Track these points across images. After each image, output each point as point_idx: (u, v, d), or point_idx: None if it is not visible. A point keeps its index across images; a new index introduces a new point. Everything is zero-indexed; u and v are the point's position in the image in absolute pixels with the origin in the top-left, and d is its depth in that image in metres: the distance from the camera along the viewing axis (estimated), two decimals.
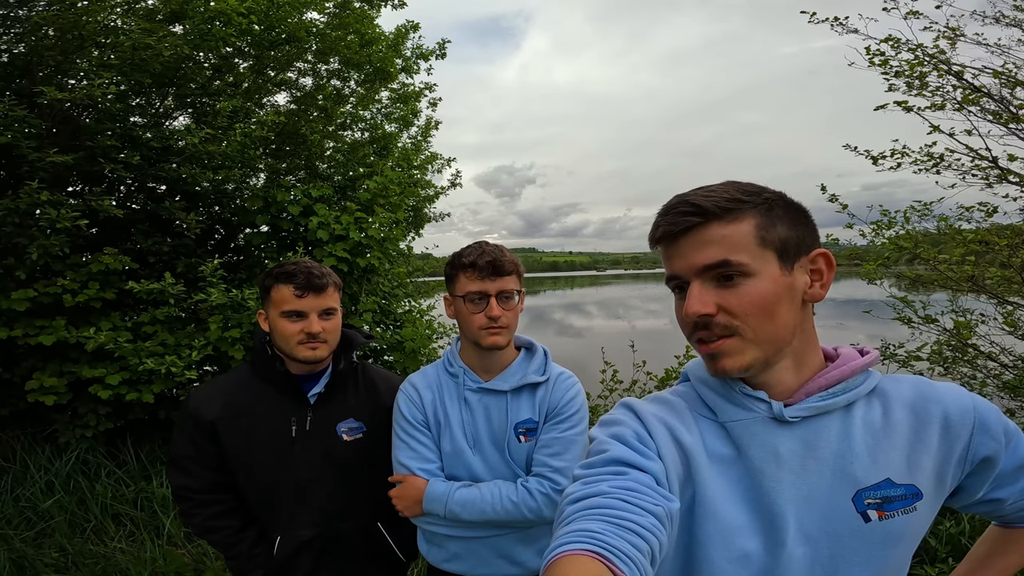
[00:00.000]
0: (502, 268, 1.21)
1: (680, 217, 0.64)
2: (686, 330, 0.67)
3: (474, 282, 1.21)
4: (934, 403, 0.66)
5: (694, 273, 0.64)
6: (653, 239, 0.69)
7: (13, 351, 3.25)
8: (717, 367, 0.64)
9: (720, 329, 0.63)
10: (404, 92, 5.38)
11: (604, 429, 0.70)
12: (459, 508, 1.18)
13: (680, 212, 0.64)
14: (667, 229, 0.65)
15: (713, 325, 0.63)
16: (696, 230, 0.63)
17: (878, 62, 3.21)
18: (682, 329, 0.68)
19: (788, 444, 0.65)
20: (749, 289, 0.62)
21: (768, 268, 0.63)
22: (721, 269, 0.62)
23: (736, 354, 0.63)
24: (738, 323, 0.62)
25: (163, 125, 3.90)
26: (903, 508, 0.63)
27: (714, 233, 0.63)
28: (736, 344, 0.63)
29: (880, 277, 3.64)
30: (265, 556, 1.35)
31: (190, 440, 1.33)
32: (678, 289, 0.67)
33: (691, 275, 0.64)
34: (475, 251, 1.24)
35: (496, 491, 1.19)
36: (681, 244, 0.65)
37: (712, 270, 0.63)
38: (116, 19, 3.51)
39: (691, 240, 0.64)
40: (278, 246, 4.06)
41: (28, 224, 2.99)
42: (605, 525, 0.54)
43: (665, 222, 0.65)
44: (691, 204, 0.64)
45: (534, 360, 1.32)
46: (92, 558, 2.73)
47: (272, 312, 1.31)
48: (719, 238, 0.63)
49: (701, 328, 0.64)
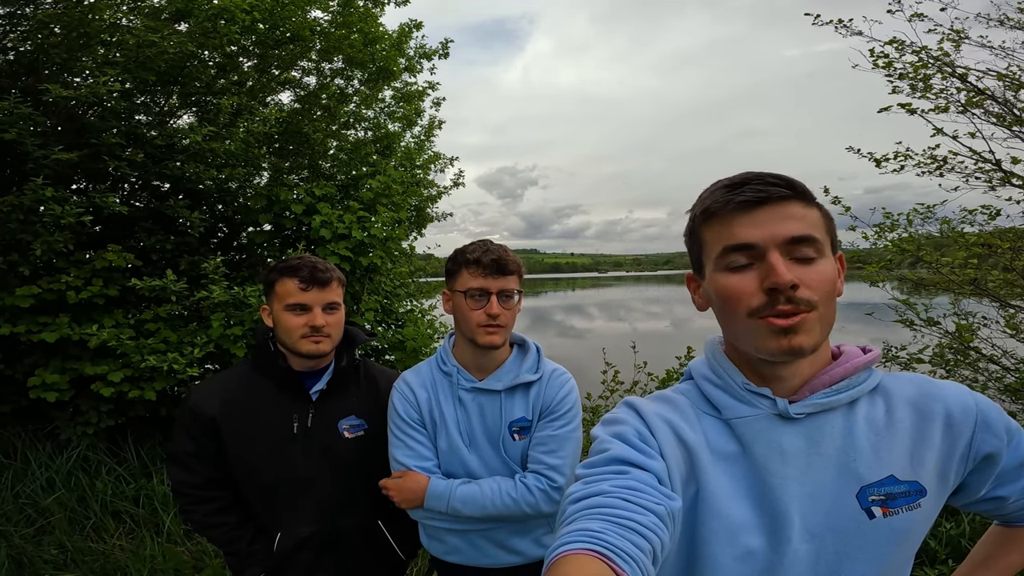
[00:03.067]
0: (505, 267, 1.22)
1: (769, 187, 0.63)
2: (749, 303, 0.62)
3: (477, 278, 1.22)
4: (936, 400, 0.66)
5: (776, 244, 0.62)
6: (724, 206, 0.64)
7: (16, 347, 3.26)
8: (793, 343, 0.61)
9: (803, 304, 0.61)
10: (407, 91, 5.39)
11: (606, 428, 0.70)
12: (460, 505, 1.20)
13: (768, 182, 0.63)
14: (755, 195, 0.63)
15: (797, 299, 0.60)
16: (781, 202, 0.63)
17: (882, 64, 3.21)
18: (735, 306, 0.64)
19: (792, 441, 0.64)
20: (822, 269, 0.63)
21: (830, 254, 0.65)
22: (806, 244, 0.62)
23: (812, 331, 0.61)
24: (817, 299, 0.61)
25: (167, 123, 3.91)
26: (907, 505, 0.63)
27: (797, 210, 0.63)
28: (814, 320, 0.61)
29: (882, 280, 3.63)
30: (264, 552, 1.35)
31: (190, 436, 1.33)
32: (736, 266, 0.64)
33: (772, 245, 0.62)
34: (479, 248, 1.25)
35: (496, 487, 1.21)
36: (761, 213, 0.63)
37: (798, 243, 0.62)
38: (121, 17, 3.53)
39: (775, 211, 0.63)
40: (281, 244, 4.07)
41: (32, 221, 2.99)
42: (606, 524, 0.54)
43: (752, 189, 0.63)
44: (779, 177, 0.64)
45: (527, 358, 1.32)
46: (91, 555, 2.73)
47: (276, 306, 1.32)
48: (801, 215, 0.63)
49: (783, 301, 0.60)
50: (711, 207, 0.66)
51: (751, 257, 0.63)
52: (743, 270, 0.63)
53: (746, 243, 0.63)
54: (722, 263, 0.65)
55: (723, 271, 0.65)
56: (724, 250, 0.64)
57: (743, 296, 0.63)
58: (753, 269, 0.63)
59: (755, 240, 0.62)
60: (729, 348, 0.73)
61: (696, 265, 0.72)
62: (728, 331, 0.69)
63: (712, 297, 0.69)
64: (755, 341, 0.63)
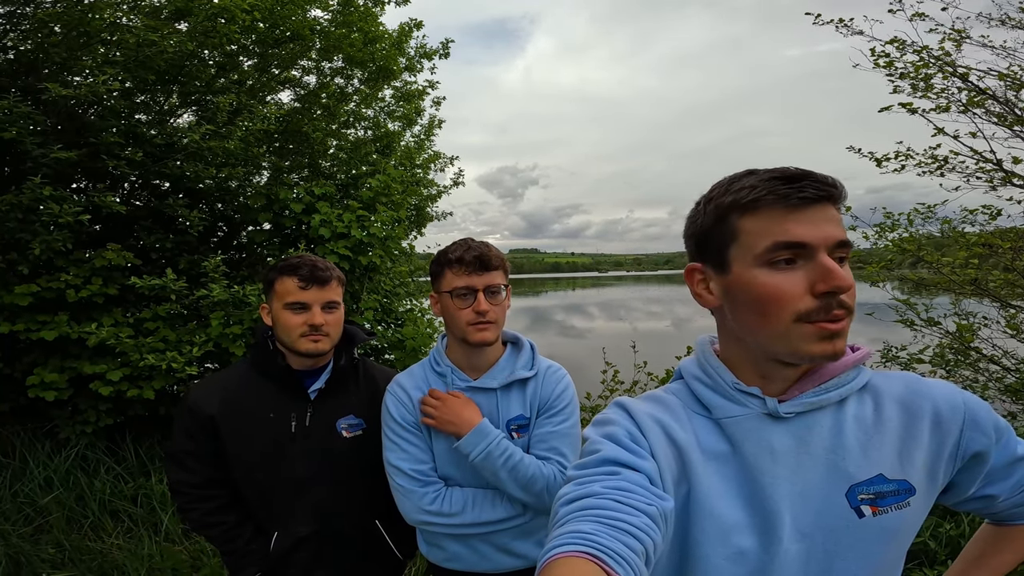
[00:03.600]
0: (489, 263, 1.20)
1: (827, 187, 0.61)
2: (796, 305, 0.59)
3: (461, 277, 1.20)
4: (924, 399, 0.66)
5: (826, 245, 0.60)
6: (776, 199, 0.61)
7: (15, 346, 3.26)
8: (837, 348, 0.59)
9: (847, 309, 0.60)
10: (407, 90, 5.39)
11: (597, 429, 0.69)
12: (498, 451, 1.15)
13: (826, 182, 0.61)
14: (815, 194, 0.60)
15: (847, 305, 0.59)
16: (827, 204, 0.61)
17: (883, 64, 3.20)
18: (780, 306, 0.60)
19: (782, 440, 0.64)
20: (849, 272, 0.61)
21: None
22: (845, 248, 0.61)
23: (846, 335, 0.61)
24: (853, 305, 0.61)
25: (167, 122, 3.91)
26: (896, 503, 0.63)
27: (835, 214, 0.62)
28: (848, 325, 0.61)
29: (883, 280, 3.63)
30: (261, 552, 1.34)
31: (189, 435, 1.33)
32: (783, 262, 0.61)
33: (823, 246, 0.60)
34: (460, 247, 1.23)
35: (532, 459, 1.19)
36: (810, 212, 0.61)
37: (843, 246, 0.61)
38: (121, 16, 3.52)
39: (821, 212, 0.61)
40: (280, 243, 4.07)
41: (31, 219, 2.99)
42: (598, 526, 0.54)
43: (814, 187, 0.60)
44: (828, 177, 0.62)
45: (521, 355, 1.31)
46: (89, 554, 2.72)
47: (275, 304, 1.32)
48: (838, 219, 0.62)
49: (836, 306, 0.59)
50: (762, 197, 0.61)
51: (799, 256, 0.60)
52: (789, 269, 0.60)
53: (801, 242, 0.59)
54: (765, 258, 0.61)
55: (765, 267, 0.61)
56: (773, 246, 0.60)
57: (791, 298, 0.59)
58: (799, 269, 0.60)
59: (809, 239, 0.59)
60: (722, 348, 0.72)
61: (717, 256, 0.66)
62: (756, 331, 0.64)
63: (740, 293, 0.64)
64: (795, 344, 0.60)
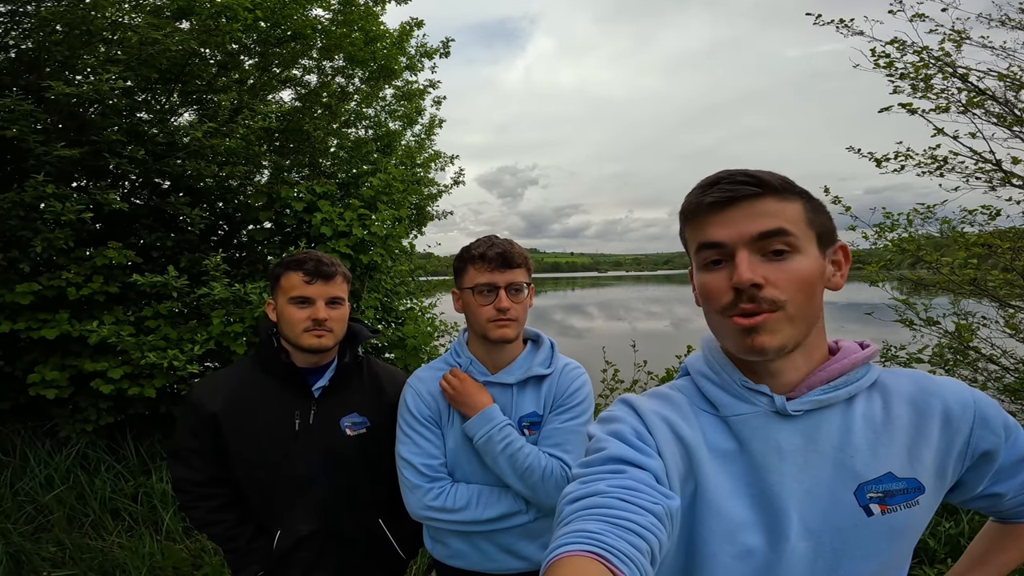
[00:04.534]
0: (512, 260, 1.21)
1: (738, 185, 0.63)
2: (720, 301, 0.64)
3: (483, 274, 1.21)
4: (934, 397, 0.66)
5: (744, 242, 0.62)
6: (697, 206, 0.66)
7: (16, 344, 3.26)
8: (755, 343, 0.61)
9: (767, 303, 0.61)
10: (408, 90, 5.39)
11: (603, 426, 0.69)
12: (500, 436, 1.17)
13: (737, 181, 0.63)
14: (722, 195, 0.63)
15: (760, 298, 0.61)
16: (751, 200, 0.63)
17: (883, 64, 3.21)
18: (709, 303, 0.66)
19: (790, 438, 0.64)
20: (797, 265, 0.62)
21: (811, 249, 0.64)
22: (776, 238, 0.62)
23: (777, 331, 0.61)
24: (784, 298, 0.61)
25: (168, 121, 3.91)
26: (905, 502, 0.63)
27: (769, 206, 0.63)
28: (779, 320, 0.61)
29: (882, 280, 3.64)
30: (263, 551, 1.34)
31: (192, 433, 1.33)
32: (711, 263, 0.65)
33: (740, 244, 0.62)
34: (484, 243, 1.24)
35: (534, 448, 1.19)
36: (731, 212, 0.63)
37: (767, 238, 0.62)
38: (123, 15, 3.52)
39: (744, 209, 0.63)
40: (281, 242, 4.07)
41: (33, 217, 2.99)
42: (604, 525, 0.53)
43: (720, 189, 0.63)
44: (749, 175, 0.64)
45: (540, 352, 1.31)
46: (89, 552, 2.72)
47: (280, 299, 1.32)
48: (775, 211, 0.63)
49: (746, 300, 0.61)
50: (686, 208, 0.68)
51: (722, 255, 0.64)
52: (717, 268, 0.65)
53: (714, 242, 0.64)
54: (699, 261, 0.67)
55: (701, 269, 0.67)
56: (698, 248, 0.66)
57: (715, 294, 0.64)
58: (725, 268, 0.64)
59: (723, 239, 0.63)
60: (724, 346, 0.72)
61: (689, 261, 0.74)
62: (710, 327, 0.70)
63: (696, 292, 0.70)
64: (726, 339, 0.66)
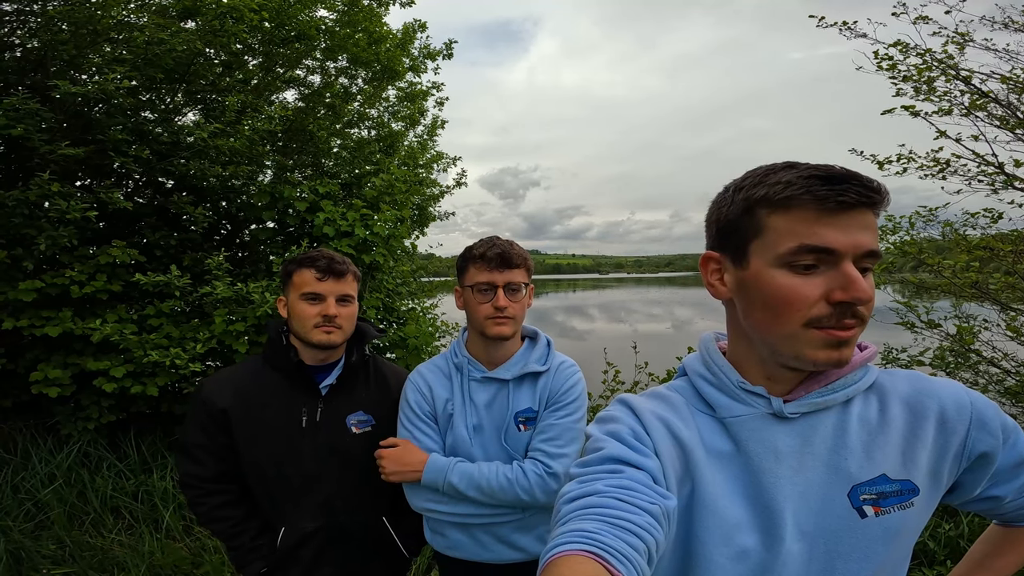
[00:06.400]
0: (510, 260, 1.26)
1: (871, 192, 0.58)
2: (809, 310, 0.58)
3: (483, 273, 1.26)
4: (930, 398, 0.65)
5: (855, 254, 0.58)
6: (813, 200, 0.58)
7: (18, 341, 3.27)
8: (843, 356, 0.59)
9: (860, 320, 0.59)
10: (411, 91, 5.41)
11: (600, 426, 0.69)
12: (457, 480, 1.21)
13: (869, 187, 0.58)
14: (857, 199, 0.57)
15: (861, 315, 0.59)
16: (865, 210, 0.59)
17: (886, 66, 3.22)
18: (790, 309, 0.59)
19: (786, 440, 0.64)
20: (872, 284, 0.60)
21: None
22: (874, 259, 0.59)
23: (854, 344, 0.60)
24: (867, 316, 0.59)
25: (173, 120, 3.93)
26: (899, 504, 0.63)
27: (872, 220, 0.60)
28: (858, 334, 0.60)
29: (884, 282, 3.64)
30: (267, 548, 1.35)
31: (201, 428, 1.34)
32: (805, 267, 0.59)
33: (850, 254, 0.58)
34: (486, 244, 1.29)
35: (493, 468, 1.23)
36: (848, 218, 0.58)
37: (870, 256, 0.59)
38: (129, 15, 3.54)
39: (858, 218, 0.58)
40: (284, 241, 4.09)
41: (37, 215, 3.01)
42: (601, 525, 0.53)
43: (854, 190, 0.57)
44: (873, 182, 0.58)
45: (536, 349, 1.35)
46: (90, 550, 2.72)
47: (292, 296, 1.34)
48: (874, 226, 0.60)
49: (850, 315, 0.58)
50: (797, 196, 0.58)
51: (822, 261, 0.58)
52: (810, 273, 0.59)
53: (829, 247, 0.57)
54: (787, 259, 0.59)
55: (784, 268, 0.60)
56: (799, 248, 0.58)
57: (805, 302, 0.58)
58: (819, 274, 0.59)
59: (837, 246, 0.57)
60: (729, 343, 0.72)
61: (737, 248, 0.65)
62: (764, 330, 0.63)
63: (754, 290, 0.62)
64: (801, 349, 0.60)
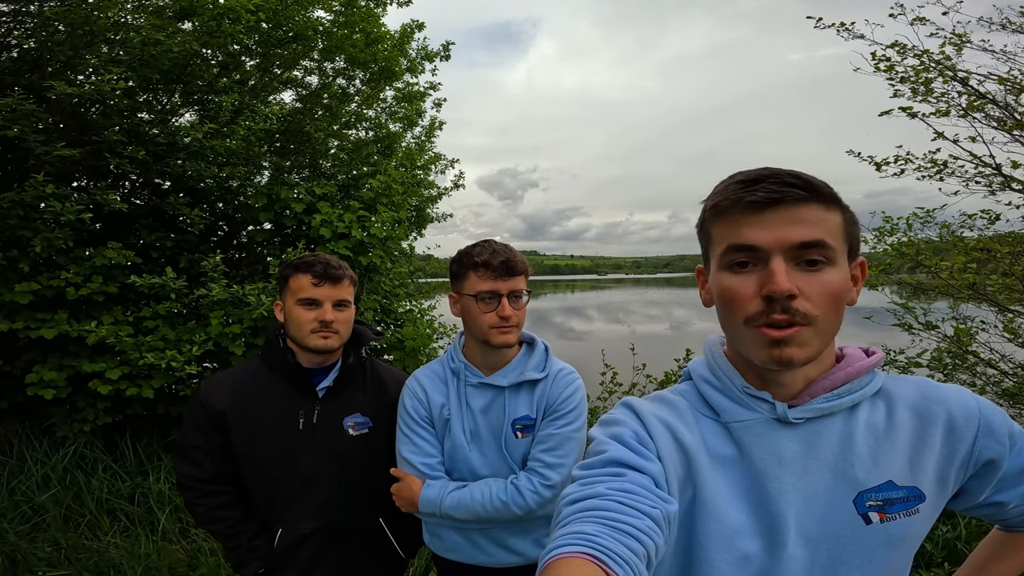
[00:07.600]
0: (515, 268, 1.23)
1: (785, 187, 0.59)
2: (746, 309, 0.61)
3: (486, 281, 1.22)
4: (938, 404, 0.65)
5: (782, 248, 0.59)
6: (734, 203, 0.61)
7: (14, 344, 3.26)
8: (783, 355, 0.59)
9: (799, 316, 0.58)
10: (409, 91, 5.40)
11: (604, 429, 0.69)
12: (452, 510, 1.21)
13: (786, 182, 0.59)
14: (767, 196, 0.59)
15: (793, 309, 0.58)
16: (796, 204, 0.59)
17: (883, 67, 3.22)
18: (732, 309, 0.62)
19: (791, 446, 0.64)
20: (831, 279, 0.60)
21: (844, 262, 0.62)
22: (815, 250, 0.59)
23: (806, 344, 0.59)
24: (817, 313, 0.59)
25: (169, 121, 3.92)
26: (905, 510, 0.62)
27: (813, 213, 0.60)
28: (809, 334, 0.59)
29: (882, 284, 3.63)
30: (265, 549, 1.35)
31: (199, 430, 1.34)
32: (737, 265, 0.62)
33: (777, 249, 0.59)
34: (486, 250, 1.24)
35: (487, 491, 1.21)
36: (772, 215, 0.60)
37: (807, 248, 0.59)
38: (126, 15, 3.53)
39: (787, 213, 0.59)
40: (281, 243, 4.07)
41: (33, 217, 2.99)
42: (601, 528, 0.53)
43: (766, 188, 0.59)
44: (798, 177, 0.60)
45: (534, 356, 1.32)
46: (85, 553, 2.71)
47: (288, 300, 1.34)
48: (818, 219, 0.60)
49: (779, 310, 0.58)
50: (721, 203, 0.63)
51: (754, 259, 0.61)
52: (744, 272, 0.61)
53: (750, 245, 0.60)
54: (724, 261, 0.63)
55: (725, 270, 0.63)
56: (728, 248, 0.62)
57: (741, 300, 0.61)
58: (754, 272, 0.61)
59: (760, 243, 0.60)
60: (730, 349, 0.72)
61: (704, 258, 0.70)
62: (726, 332, 0.67)
63: (714, 294, 0.67)
64: (748, 347, 0.62)
